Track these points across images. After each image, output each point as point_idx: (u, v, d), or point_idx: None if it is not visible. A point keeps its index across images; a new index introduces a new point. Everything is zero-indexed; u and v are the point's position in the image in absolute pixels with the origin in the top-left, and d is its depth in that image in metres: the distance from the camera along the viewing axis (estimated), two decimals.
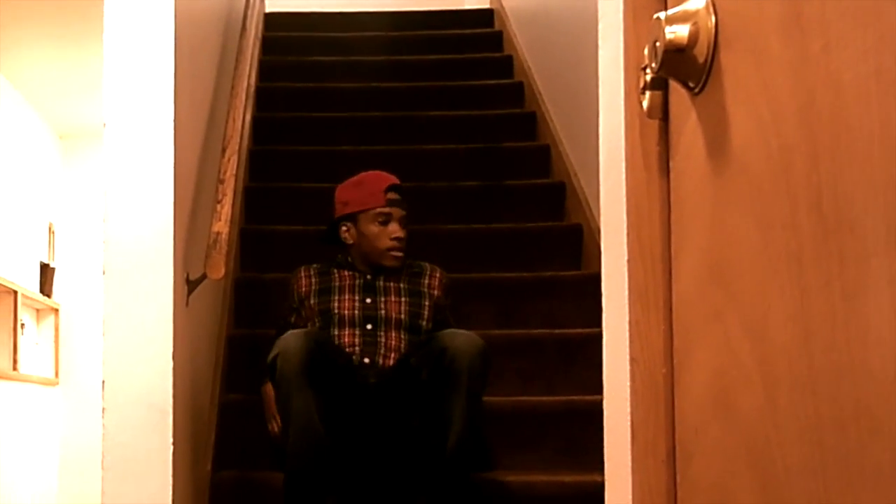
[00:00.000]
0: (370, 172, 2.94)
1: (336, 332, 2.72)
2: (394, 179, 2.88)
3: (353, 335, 2.72)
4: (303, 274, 2.90)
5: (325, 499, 2.40)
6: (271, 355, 2.40)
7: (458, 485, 2.41)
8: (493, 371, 2.49)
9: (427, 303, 2.82)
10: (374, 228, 2.81)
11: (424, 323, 2.78)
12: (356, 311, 2.76)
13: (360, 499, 2.55)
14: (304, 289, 2.86)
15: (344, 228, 2.87)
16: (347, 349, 2.69)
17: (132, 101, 2.22)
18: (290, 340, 2.39)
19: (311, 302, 2.82)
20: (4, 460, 5.51)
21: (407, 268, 2.89)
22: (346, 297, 2.79)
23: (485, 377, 2.39)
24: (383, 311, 2.75)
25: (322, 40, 5.41)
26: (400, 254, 2.81)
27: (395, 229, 2.80)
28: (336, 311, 2.76)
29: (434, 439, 2.37)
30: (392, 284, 2.82)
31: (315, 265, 2.93)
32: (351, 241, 2.86)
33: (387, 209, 2.81)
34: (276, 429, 2.59)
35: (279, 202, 3.96)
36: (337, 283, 2.83)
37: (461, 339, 2.37)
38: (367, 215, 2.82)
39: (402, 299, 2.79)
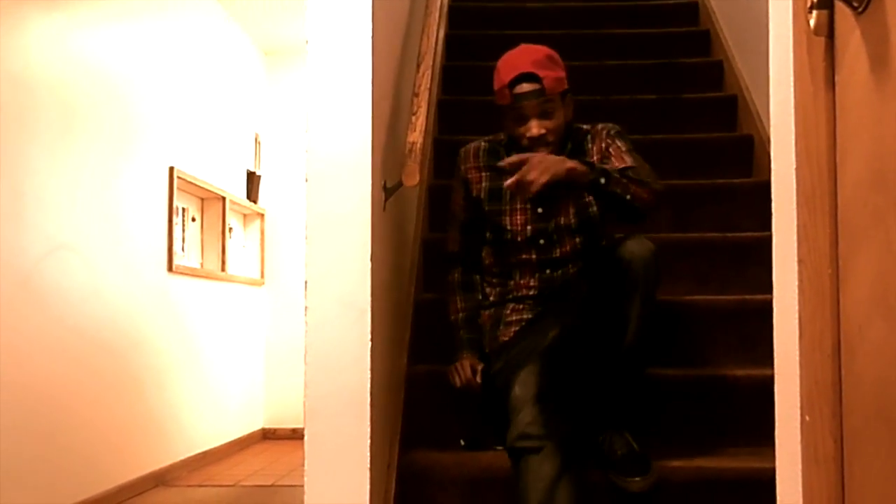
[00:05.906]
0: (505, 55, 2.60)
1: (515, 280, 2.68)
2: (522, 68, 2.53)
3: (530, 275, 2.67)
4: (472, 164, 2.72)
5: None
6: None
7: (634, 378, 2.51)
8: (670, 272, 2.56)
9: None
10: (511, 125, 2.59)
11: (593, 209, 2.63)
12: (528, 226, 2.64)
13: (543, 390, 2.57)
14: (475, 188, 2.70)
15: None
16: (530, 295, 2.67)
17: (333, 18, 2.27)
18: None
19: (486, 208, 2.67)
20: (217, 355, 5.92)
21: (573, 139, 2.68)
22: (518, 207, 2.64)
23: (658, 278, 2.44)
24: (553, 223, 2.63)
25: None
26: (543, 147, 2.53)
27: (528, 127, 2.54)
28: (509, 227, 2.65)
29: (612, 337, 2.43)
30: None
31: (483, 143, 2.74)
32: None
33: (515, 106, 2.54)
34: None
35: (470, 114, 4.05)
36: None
37: (634, 244, 2.41)
38: (504, 110, 2.59)
39: (569, 193, 2.61)
